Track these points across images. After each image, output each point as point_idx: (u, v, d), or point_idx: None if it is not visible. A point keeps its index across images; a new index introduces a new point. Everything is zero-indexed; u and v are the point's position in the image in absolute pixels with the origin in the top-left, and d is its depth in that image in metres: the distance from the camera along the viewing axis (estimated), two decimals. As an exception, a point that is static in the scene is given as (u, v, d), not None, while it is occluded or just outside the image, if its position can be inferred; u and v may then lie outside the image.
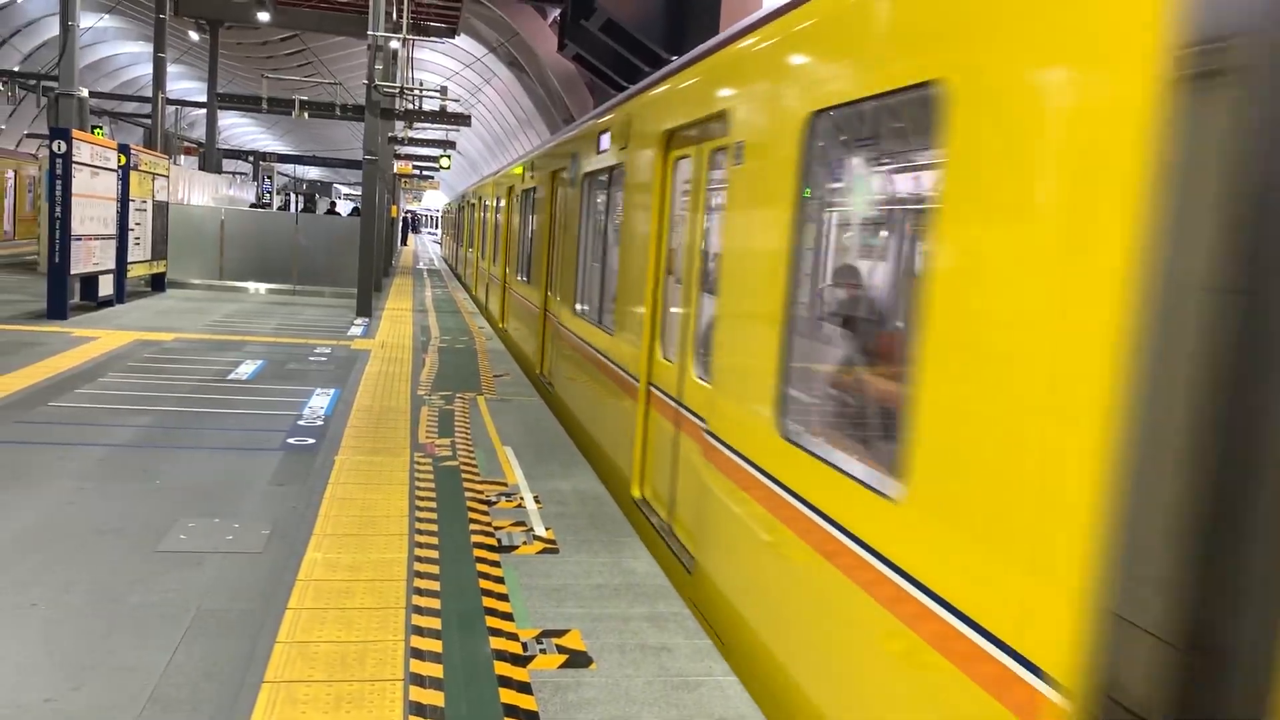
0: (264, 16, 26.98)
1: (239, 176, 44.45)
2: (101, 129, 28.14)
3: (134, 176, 16.80)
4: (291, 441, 7.59)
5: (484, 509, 6.18)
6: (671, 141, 6.45)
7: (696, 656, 4.25)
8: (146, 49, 38.09)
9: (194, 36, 31.42)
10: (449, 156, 33.83)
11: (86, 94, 15.88)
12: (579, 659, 4.14)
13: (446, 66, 49.57)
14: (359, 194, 19.61)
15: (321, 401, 9.23)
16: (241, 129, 71.07)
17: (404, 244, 51.59)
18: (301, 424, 8.22)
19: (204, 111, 32.41)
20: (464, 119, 23.06)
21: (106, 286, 15.90)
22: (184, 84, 52.23)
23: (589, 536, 5.80)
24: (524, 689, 3.83)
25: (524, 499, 6.48)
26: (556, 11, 26.86)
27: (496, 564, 5.21)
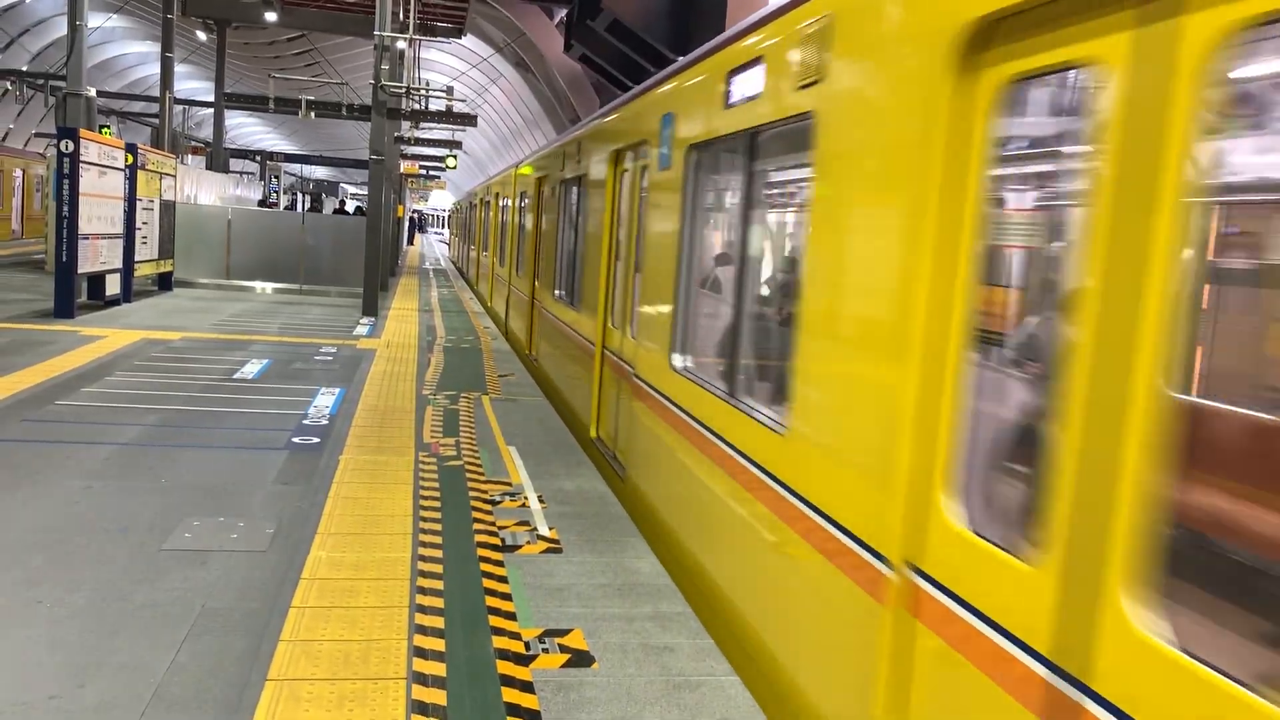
0: (271, 16, 27.04)
1: (246, 176, 44.57)
2: (109, 128, 28.27)
3: (141, 176, 16.85)
4: (297, 441, 7.61)
5: (488, 509, 6.20)
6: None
7: (698, 656, 4.26)
8: (154, 49, 38.20)
9: (201, 36, 31.46)
10: (455, 157, 33.85)
11: (94, 93, 15.95)
12: (581, 658, 4.15)
13: (453, 66, 49.63)
14: (365, 193, 19.66)
15: (327, 401, 9.26)
16: (248, 129, 71.25)
17: (410, 244, 51.68)
18: (307, 423, 8.24)
19: (211, 111, 32.50)
20: (470, 119, 23.09)
21: (114, 285, 15.96)
22: (191, 84, 52.38)
23: (593, 536, 5.81)
24: (526, 688, 3.85)
25: (528, 499, 6.50)
26: (563, 12, 26.89)
27: (500, 563, 5.23)
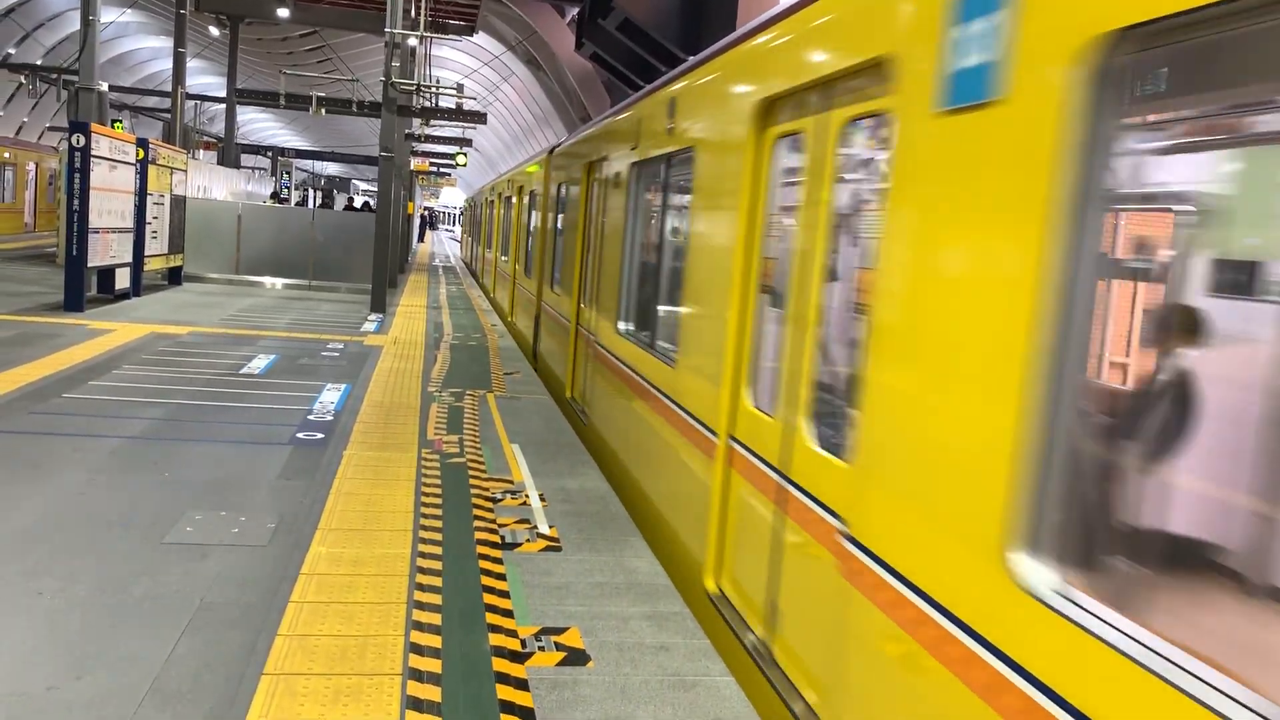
0: (283, 13, 27.14)
1: (257, 171, 44.73)
2: (121, 123, 28.38)
3: (152, 170, 16.92)
4: (301, 436, 7.64)
5: (489, 506, 6.21)
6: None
7: (694, 656, 4.27)
8: (167, 44, 38.35)
9: (214, 32, 31.61)
10: (465, 154, 33.91)
11: (106, 88, 16.05)
12: (577, 657, 4.16)
13: (465, 64, 49.70)
14: (376, 190, 19.73)
15: (332, 397, 9.29)
16: (260, 124, 71.45)
17: (420, 240, 51.77)
18: (311, 419, 8.27)
19: (223, 106, 32.61)
20: (480, 116, 23.12)
21: (123, 279, 16.02)
22: (204, 79, 52.57)
23: (592, 535, 5.83)
24: (521, 685, 3.86)
25: (529, 497, 6.51)
26: (574, 10, 26.90)
27: (499, 561, 5.24)
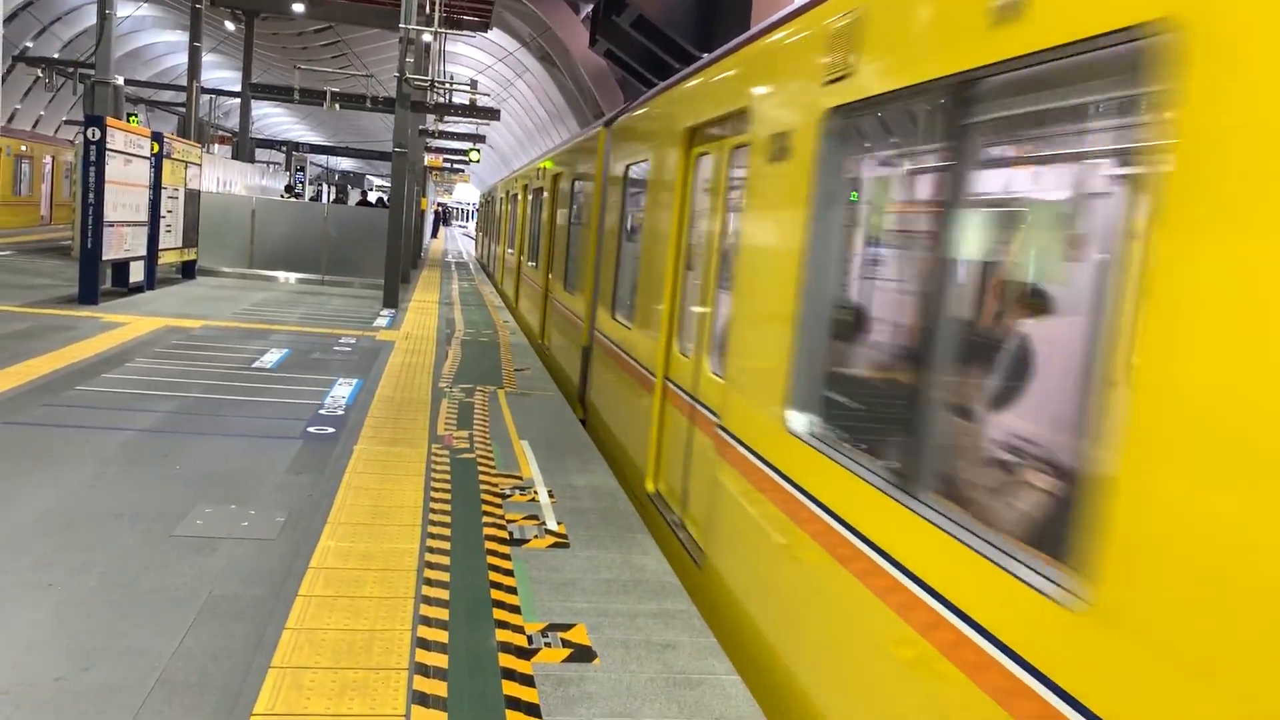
0: (299, 7, 27.23)
1: (272, 166, 44.87)
2: (136, 116, 28.49)
3: (167, 164, 17.00)
4: (312, 430, 7.66)
5: (498, 502, 6.22)
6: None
7: (700, 654, 4.26)
8: (183, 38, 38.49)
9: (230, 26, 31.73)
10: (478, 150, 33.92)
11: (122, 82, 16.13)
12: (583, 653, 4.15)
13: (479, 60, 49.77)
14: (390, 185, 19.79)
15: (344, 391, 9.31)
16: (275, 119, 71.71)
17: (434, 236, 51.90)
18: (323, 413, 8.30)
19: (238, 101, 32.73)
20: (493, 113, 23.10)
21: (137, 273, 16.11)
22: (219, 73, 52.78)
23: (600, 532, 5.82)
24: (527, 682, 3.86)
25: (538, 493, 6.51)
26: (588, 7, 26.89)
27: (507, 557, 5.24)
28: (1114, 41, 2.33)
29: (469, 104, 22.56)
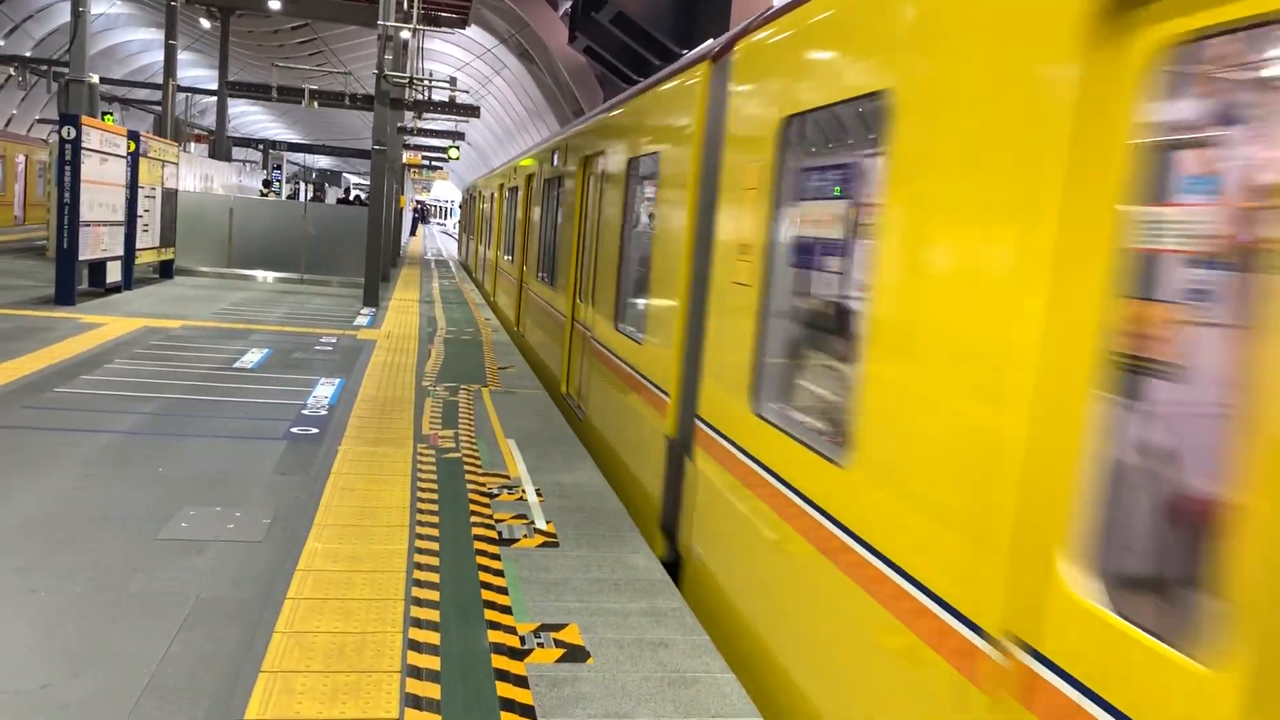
0: (274, 4, 26.99)
1: (249, 164, 44.49)
2: (111, 115, 28.19)
3: (143, 163, 16.82)
4: (295, 431, 7.60)
5: (485, 501, 6.19)
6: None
7: (694, 653, 4.25)
8: (158, 36, 38.13)
9: (205, 24, 31.39)
10: (457, 147, 33.77)
11: (97, 80, 15.91)
12: (576, 653, 4.14)
13: (457, 57, 49.52)
14: (369, 183, 19.64)
15: (326, 391, 9.25)
16: (252, 117, 71.12)
17: (413, 235, 51.66)
18: (306, 413, 8.23)
19: (215, 99, 32.41)
20: (473, 110, 22.98)
21: (115, 273, 15.94)
22: (195, 71, 52.26)
23: (589, 531, 5.80)
24: (520, 682, 3.84)
25: (526, 492, 6.48)
26: (567, 4, 26.81)
27: (496, 557, 5.22)
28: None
29: (449, 101, 22.44)
